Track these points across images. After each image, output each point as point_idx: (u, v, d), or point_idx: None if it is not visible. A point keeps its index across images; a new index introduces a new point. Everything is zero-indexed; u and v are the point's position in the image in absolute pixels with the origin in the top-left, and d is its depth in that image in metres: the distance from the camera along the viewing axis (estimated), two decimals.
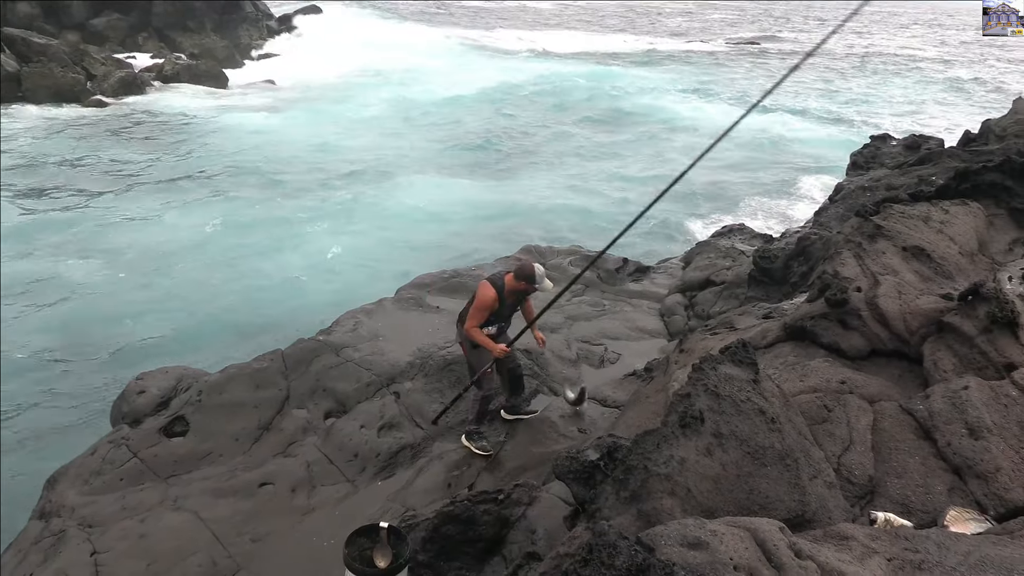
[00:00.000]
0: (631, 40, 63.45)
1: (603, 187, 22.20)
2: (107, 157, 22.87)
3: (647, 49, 57.57)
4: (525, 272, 6.24)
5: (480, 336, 6.25)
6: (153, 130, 26.60)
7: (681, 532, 2.83)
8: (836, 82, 44.67)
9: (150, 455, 6.87)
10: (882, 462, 4.07)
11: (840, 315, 5.16)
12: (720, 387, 3.68)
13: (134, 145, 24.57)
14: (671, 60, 52.18)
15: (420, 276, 10.71)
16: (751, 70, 48.78)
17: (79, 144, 23.89)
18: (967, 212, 6.37)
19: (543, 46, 57.02)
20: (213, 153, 24.09)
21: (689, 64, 50.41)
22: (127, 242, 16.34)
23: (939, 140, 14.10)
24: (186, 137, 25.91)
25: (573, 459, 4.10)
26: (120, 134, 25.79)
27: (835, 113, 34.59)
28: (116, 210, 18.34)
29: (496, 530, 4.83)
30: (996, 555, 2.97)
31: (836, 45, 62.77)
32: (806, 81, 42.55)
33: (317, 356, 8.04)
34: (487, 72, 40.71)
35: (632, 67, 47.11)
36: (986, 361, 4.44)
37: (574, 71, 43.34)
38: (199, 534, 5.99)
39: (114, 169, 21.83)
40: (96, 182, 20.46)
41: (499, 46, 55.60)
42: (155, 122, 27.73)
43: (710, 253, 12.24)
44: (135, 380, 7.98)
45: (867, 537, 3.08)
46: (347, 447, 6.93)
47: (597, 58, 51.69)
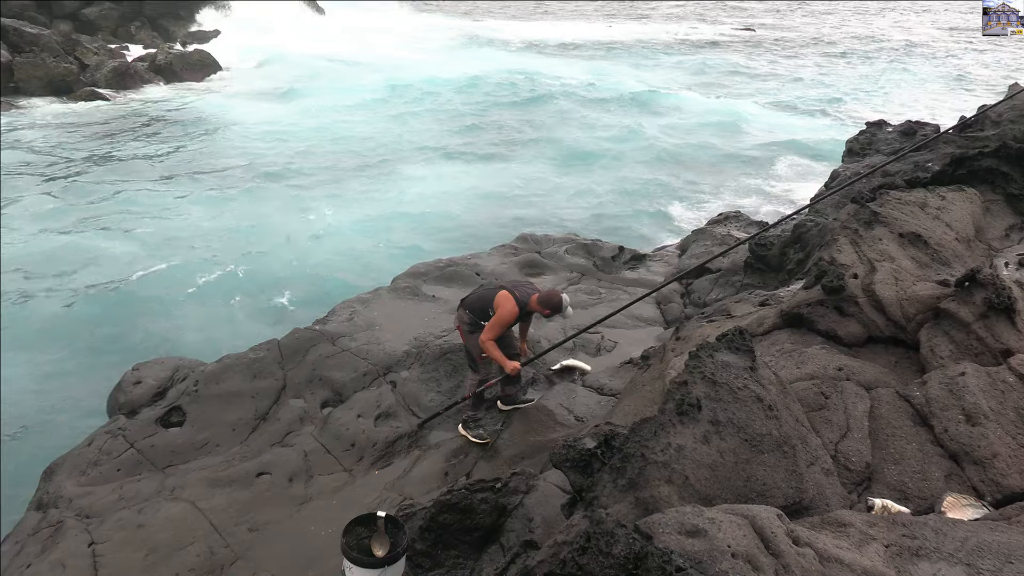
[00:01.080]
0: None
1: (598, 175, 22.19)
2: (113, 151, 22.73)
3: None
4: (552, 302, 6.32)
5: (495, 352, 6.33)
6: (156, 124, 26.41)
7: (679, 520, 2.83)
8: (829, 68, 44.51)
9: (147, 445, 6.85)
10: (879, 449, 4.08)
11: (837, 302, 5.16)
12: (717, 374, 3.67)
13: (140, 139, 24.43)
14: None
15: (415, 265, 10.66)
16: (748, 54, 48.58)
17: (87, 141, 23.72)
18: (963, 198, 6.37)
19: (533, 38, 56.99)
20: (204, 144, 23.97)
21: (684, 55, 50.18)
22: (140, 230, 16.33)
23: (935, 126, 14.07)
24: (184, 130, 25.77)
25: (570, 447, 4.09)
26: (125, 129, 25.63)
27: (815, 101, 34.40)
28: (125, 202, 18.21)
29: (493, 519, 4.83)
30: (993, 541, 2.97)
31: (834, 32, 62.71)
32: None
33: (314, 345, 8.02)
34: (474, 62, 40.53)
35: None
36: (983, 347, 4.44)
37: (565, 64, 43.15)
38: (197, 524, 5.98)
39: (116, 163, 21.70)
40: (100, 175, 20.34)
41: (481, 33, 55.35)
42: (157, 116, 27.54)
43: (706, 240, 12.23)
44: (131, 370, 7.94)
45: (865, 524, 3.08)
46: (344, 436, 6.93)
47: (589, 48, 51.54)
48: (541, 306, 6.32)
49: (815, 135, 26.28)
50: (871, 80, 40.18)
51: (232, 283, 14.00)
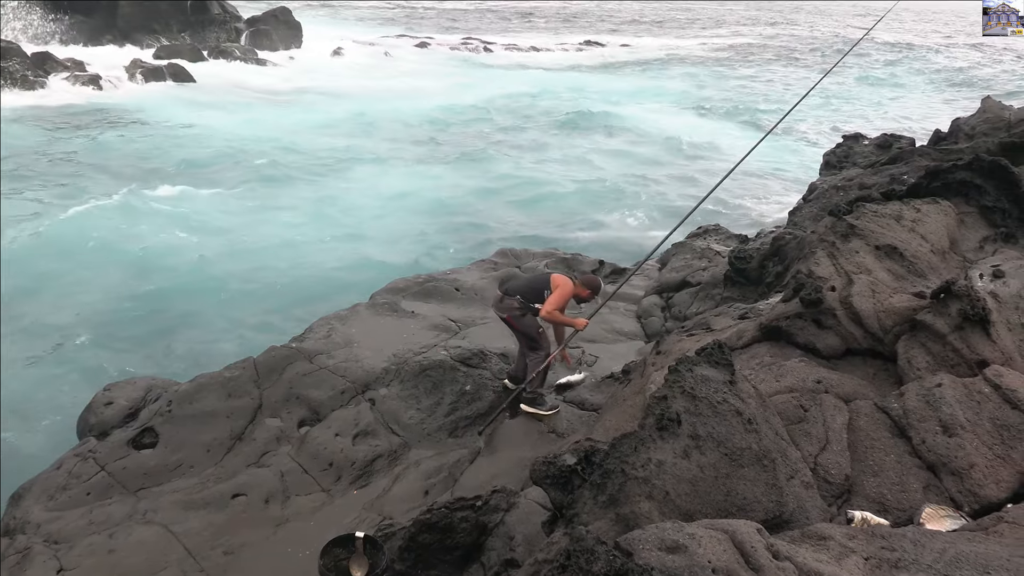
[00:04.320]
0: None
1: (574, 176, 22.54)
2: (62, 152, 22.54)
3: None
4: (592, 284, 7.28)
5: (562, 316, 6.99)
6: (117, 127, 26.26)
7: (659, 536, 2.85)
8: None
9: (118, 468, 6.76)
10: (858, 461, 4.13)
11: (815, 314, 5.22)
12: (696, 389, 3.70)
13: (97, 142, 24.24)
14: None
15: (394, 281, 10.65)
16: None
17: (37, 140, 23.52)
18: (938, 211, 6.48)
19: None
20: (170, 151, 23.84)
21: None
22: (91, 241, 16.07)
23: (910, 139, 14.34)
24: (151, 134, 25.63)
25: (550, 463, 4.10)
26: (84, 130, 25.45)
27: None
28: (68, 207, 17.95)
29: (474, 537, 4.82)
30: (971, 551, 3.01)
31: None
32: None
33: (290, 363, 7.97)
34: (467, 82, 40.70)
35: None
36: (959, 358, 4.52)
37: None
38: (170, 548, 5.90)
39: (70, 166, 21.51)
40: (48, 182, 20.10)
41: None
42: (120, 120, 27.40)
43: (686, 254, 12.33)
44: (102, 391, 7.85)
45: (844, 536, 3.12)
46: (322, 456, 6.88)
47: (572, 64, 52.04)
48: (583, 287, 7.12)
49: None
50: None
51: (207, 299, 13.90)
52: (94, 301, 13.47)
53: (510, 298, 7.06)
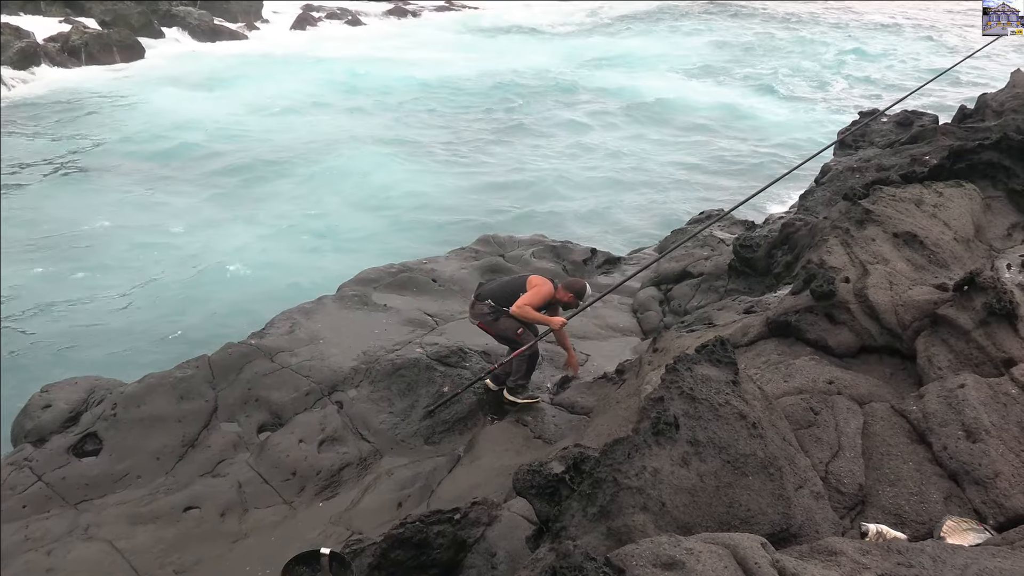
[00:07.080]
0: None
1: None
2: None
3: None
4: (576, 288, 7.23)
5: (535, 314, 6.97)
6: (62, 113, 25.98)
7: (654, 551, 2.84)
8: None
9: (57, 478, 6.71)
10: (873, 469, 4.14)
11: (827, 308, 5.24)
12: (696, 390, 3.70)
13: (39, 131, 24.01)
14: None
15: (365, 271, 10.58)
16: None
17: None
18: (962, 195, 6.52)
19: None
20: (125, 136, 23.67)
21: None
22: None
23: (933, 116, 14.41)
24: (100, 119, 25.42)
25: (535, 472, 4.08)
26: (24, 119, 25.16)
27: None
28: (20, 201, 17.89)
29: (452, 554, 4.81)
30: (996, 568, 3.03)
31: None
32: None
33: (249, 362, 7.93)
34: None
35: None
36: (983, 356, 4.54)
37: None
38: (115, 566, 5.87)
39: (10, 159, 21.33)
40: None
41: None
42: (63, 104, 27.09)
43: (686, 242, 12.34)
44: (39, 393, 7.77)
45: (857, 552, 3.13)
46: (284, 464, 6.85)
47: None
48: (566, 291, 7.12)
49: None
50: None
51: (155, 292, 13.82)
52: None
53: (481, 303, 7.14)
